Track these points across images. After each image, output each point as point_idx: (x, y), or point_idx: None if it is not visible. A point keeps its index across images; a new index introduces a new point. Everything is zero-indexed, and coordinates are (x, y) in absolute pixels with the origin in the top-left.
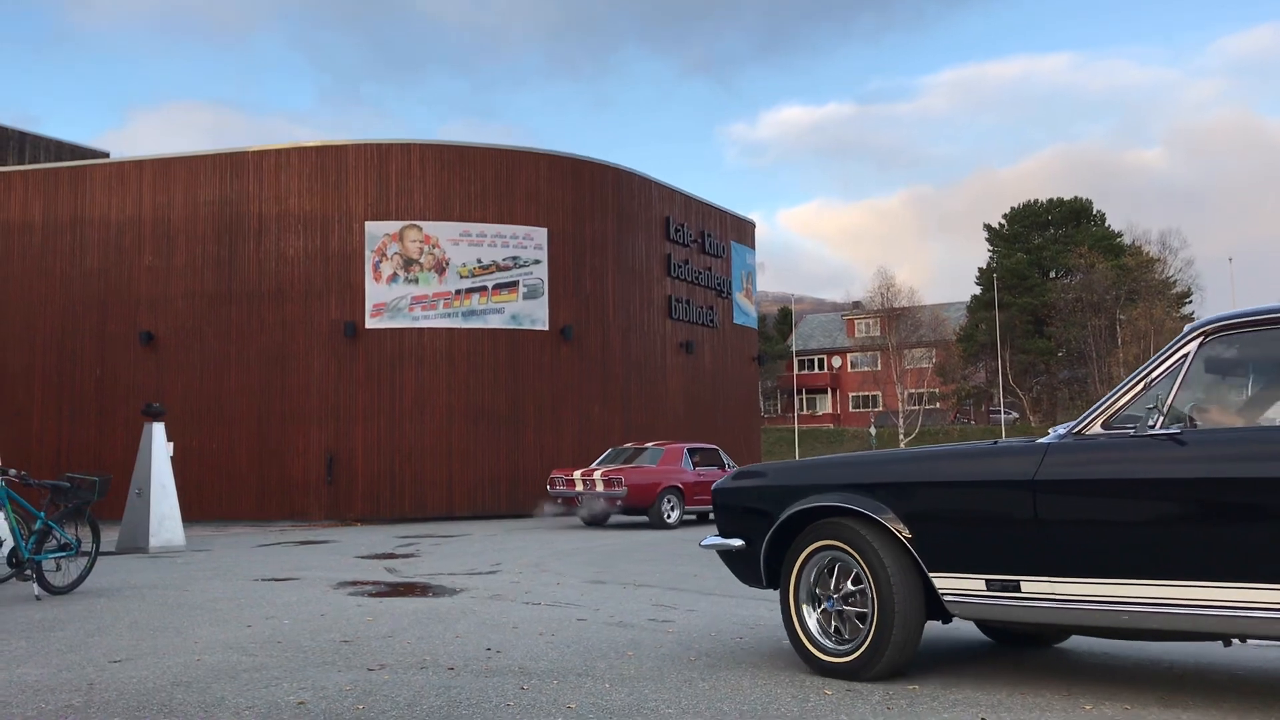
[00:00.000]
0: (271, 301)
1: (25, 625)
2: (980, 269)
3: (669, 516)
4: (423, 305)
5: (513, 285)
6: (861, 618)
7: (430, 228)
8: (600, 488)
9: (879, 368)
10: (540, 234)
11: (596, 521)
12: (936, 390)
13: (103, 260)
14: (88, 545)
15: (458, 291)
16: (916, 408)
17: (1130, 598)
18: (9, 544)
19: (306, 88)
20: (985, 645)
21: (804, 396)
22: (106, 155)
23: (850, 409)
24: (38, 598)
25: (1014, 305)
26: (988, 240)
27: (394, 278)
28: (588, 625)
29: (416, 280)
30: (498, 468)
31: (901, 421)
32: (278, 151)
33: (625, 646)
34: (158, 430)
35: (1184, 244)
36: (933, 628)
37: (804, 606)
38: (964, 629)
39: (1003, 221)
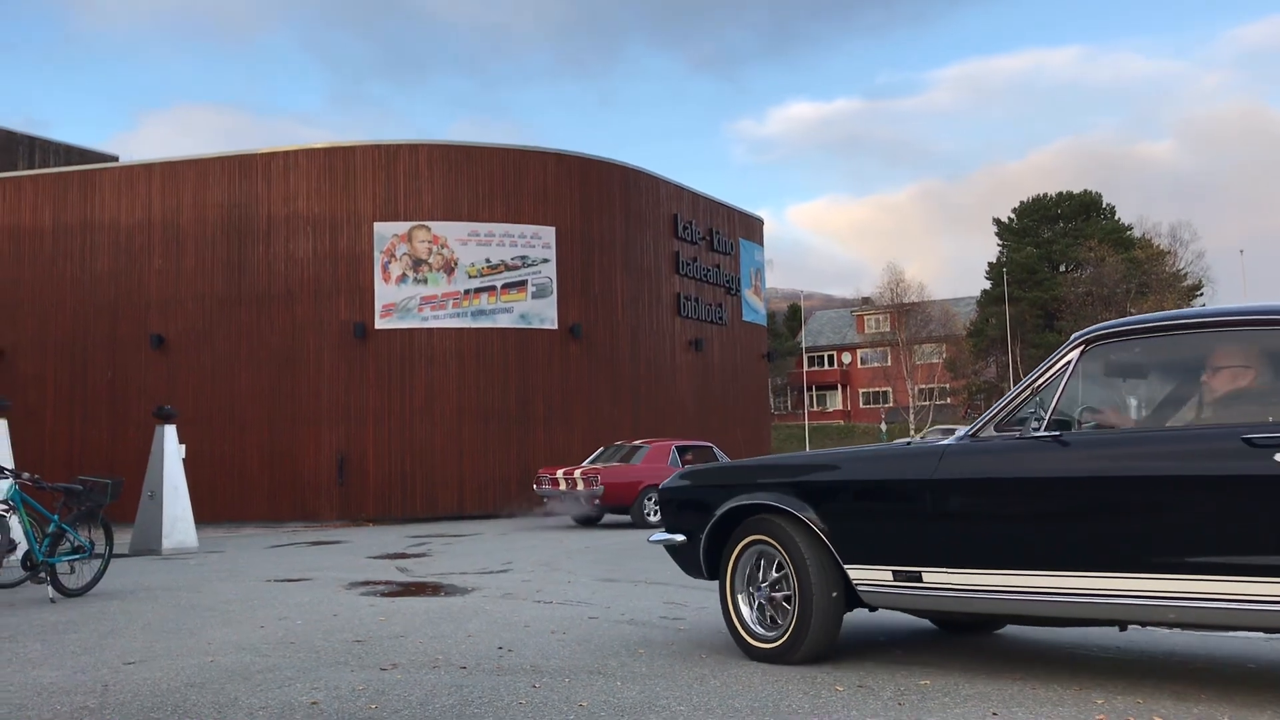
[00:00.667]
0: (281, 303)
1: (40, 627)
2: (990, 263)
3: (652, 515)
4: (432, 305)
5: (521, 284)
6: (787, 606)
7: (439, 228)
8: (580, 487)
9: (889, 363)
10: (548, 233)
11: (587, 521)
12: (947, 385)
13: (113, 264)
14: (101, 548)
15: (466, 291)
16: (927, 403)
17: (1019, 587)
18: (23, 547)
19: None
20: (995, 642)
21: (814, 393)
22: (116, 159)
23: (860, 405)
24: (52, 600)
25: (1024, 299)
26: (997, 234)
27: (403, 278)
28: (599, 623)
29: (425, 280)
30: (508, 467)
31: (912, 417)
32: (286, 153)
33: (637, 644)
34: (169, 433)
35: (1194, 236)
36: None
37: (739, 596)
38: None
39: (1012, 216)
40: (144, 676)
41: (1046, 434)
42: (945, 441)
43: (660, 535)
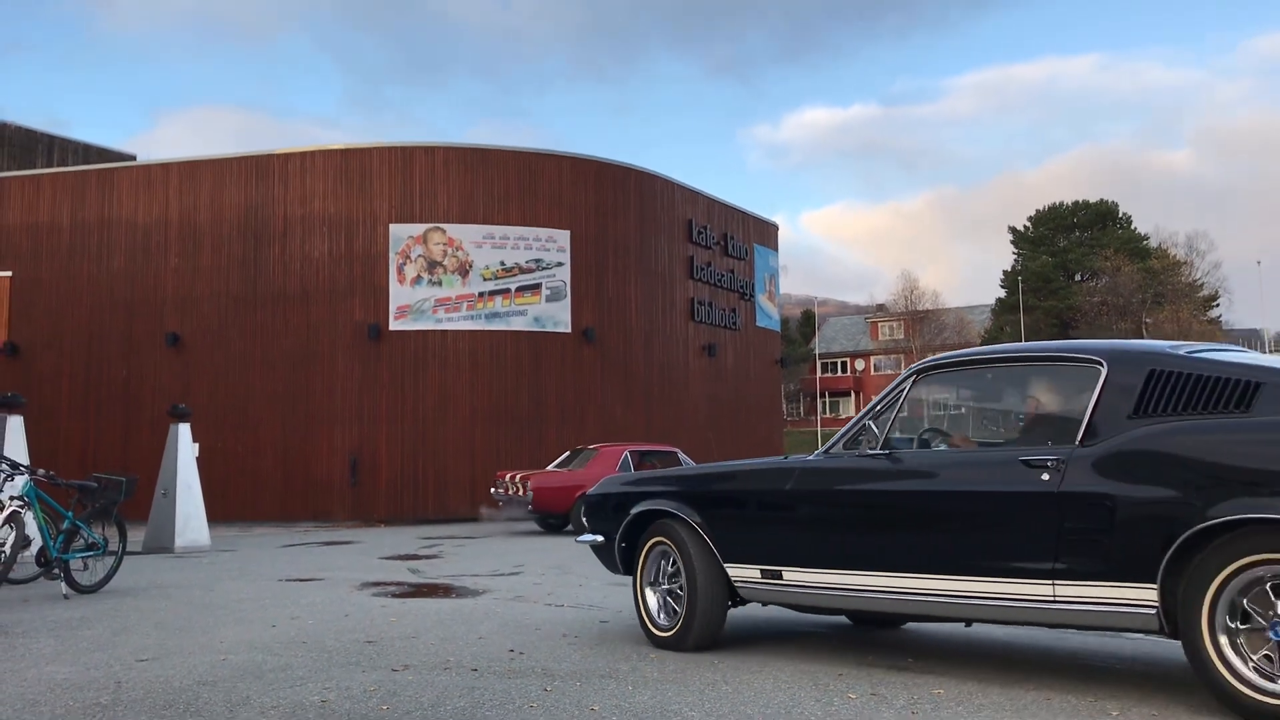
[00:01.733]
0: (296, 303)
1: (53, 624)
2: (1005, 272)
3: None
4: (446, 307)
5: (535, 287)
6: (680, 600)
7: (454, 230)
8: (521, 492)
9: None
10: (563, 236)
11: (548, 527)
12: None
13: (129, 262)
14: (114, 545)
15: (481, 294)
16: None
17: (857, 586)
18: (37, 543)
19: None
20: (1009, 649)
21: (827, 399)
22: (134, 158)
23: None
24: (65, 596)
25: (1039, 308)
26: (1012, 243)
27: (418, 280)
28: (611, 627)
29: (440, 282)
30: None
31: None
32: (302, 154)
33: (648, 649)
34: (183, 431)
35: (1211, 246)
36: (962, 635)
37: (647, 590)
38: (986, 633)
39: (1027, 224)
40: (156, 674)
41: (880, 452)
42: (804, 457)
43: (585, 536)
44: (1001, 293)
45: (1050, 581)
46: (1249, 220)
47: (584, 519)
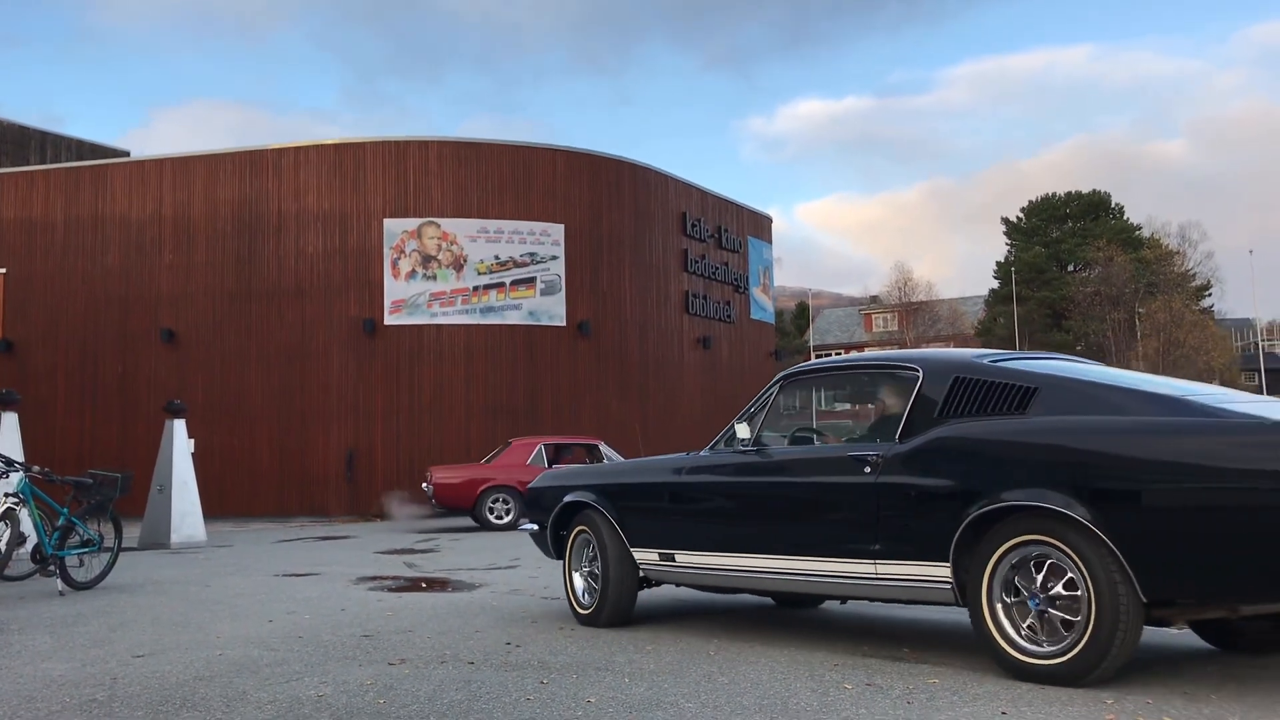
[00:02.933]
0: (291, 299)
1: (49, 620)
2: (998, 262)
3: (497, 517)
4: (441, 302)
5: (530, 281)
6: (598, 581)
7: (448, 224)
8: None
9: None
10: (557, 230)
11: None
12: None
13: (124, 258)
14: (110, 541)
15: (475, 288)
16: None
17: (733, 566)
18: (33, 540)
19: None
20: None
21: None
22: (127, 154)
23: None
24: (61, 593)
25: (1032, 299)
26: (1005, 234)
27: (412, 274)
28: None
29: (435, 277)
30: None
31: None
32: (297, 149)
33: (644, 640)
34: (179, 427)
35: (1204, 236)
36: (957, 624)
37: (574, 573)
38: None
39: (1020, 215)
40: (153, 669)
41: (750, 449)
42: (694, 453)
43: (525, 525)
44: (995, 284)
45: (873, 561)
46: (1242, 210)
47: (525, 510)
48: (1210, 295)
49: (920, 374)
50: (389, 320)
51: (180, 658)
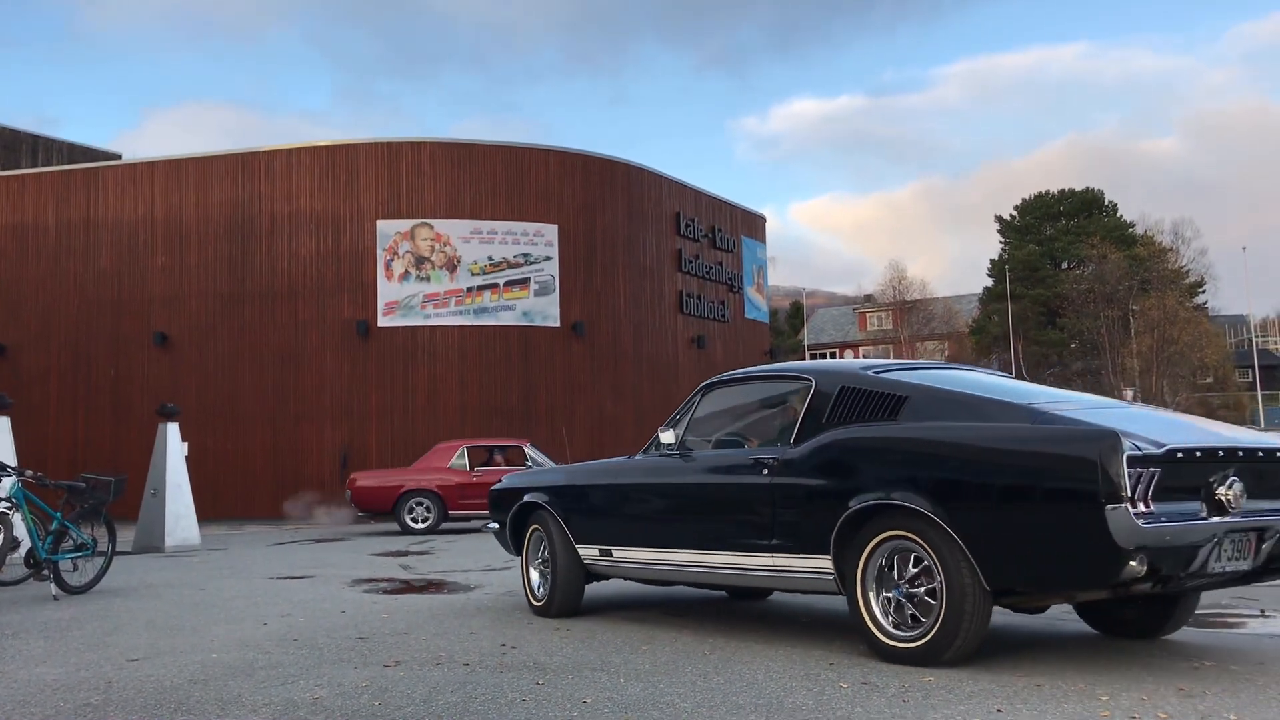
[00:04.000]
0: (284, 301)
1: (43, 625)
2: (992, 260)
3: (416, 521)
4: (435, 303)
5: (524, 282)
6: (549, 574)
7: (441, 225)
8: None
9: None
10: (551, 230)
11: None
12: None
13: (116, 261)
14: (104, 545)
15: (469, 289)
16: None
17: (660, 560)
18: (26, 544)
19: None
20: (999, 637)
21: None
22: (119, 157)
23: None
24: (55, 598)
25: (1026, 297)
26: (999, 232)
27: (406, 276)
28: (602, 620)
29: (428, 278)
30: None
31: None
32: (289, 151)
33: (640, 641)
34: (172, 430)
35: (1197, 234)
36: None
37: (530, 568)
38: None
39: (1014, 213)
40: (147, 673)
41: (674, 453)
42: (629, 457)
43: (490, 524)
44: (989, 282)
45: (771, 555)
46: (1234, 206)
47: (490, 510)
48: (1204, 292)
49: (813, 384)
50: (382, 322)
51: (175, 661)
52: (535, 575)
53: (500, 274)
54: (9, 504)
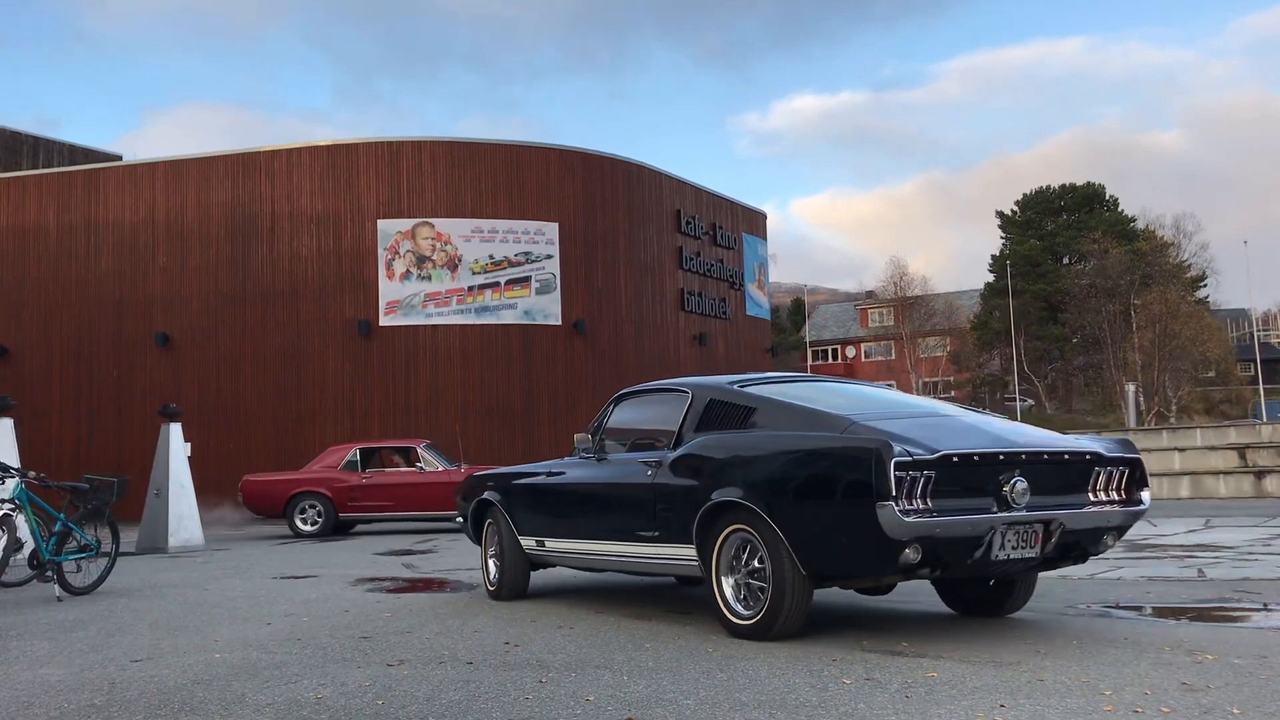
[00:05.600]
0: (285, 301)
1: (47, 626)
2: (993, 256)
3: (306, 523)
4: (436, 302)
5: (525, 281)
6: (500, 562)
7: (442, 224)
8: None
9: (893, 357)
10: (551, 229)
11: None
12: (951, 378)
13: (117, 262)
14: (107, 546)
15: (470, 288)
16: (931, 396)
17: (579, 549)
18: (29, 546)
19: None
20: (1004, 632)
21: None
22: (119, 158)
23: None
24: (59, 599)
25: (1027, 292)
26: (1000, 227)
27: (407, 275)
28: (605, 618)
29: (429, 277)
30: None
31: None
32: (289, 151)
33: (643, 638)
34: (175, 430)
35: (1199, 228)
36: (955, 618)
37: (488, 558)
38: (979, 616)
39: (1015, 208)
40: (151, 674)
41: (590, 456)
42: (560, 460)
43: (458, 518)
44: (990, 277)
45: (655, 545)
46: (1236, 200)
47: (457, 505)
48: (1205, 286)
49: (690, 396)
50: (384, 321)
51: (178, 662)
52: (491, 564)
53: (501, 273)
54: (12, 505)
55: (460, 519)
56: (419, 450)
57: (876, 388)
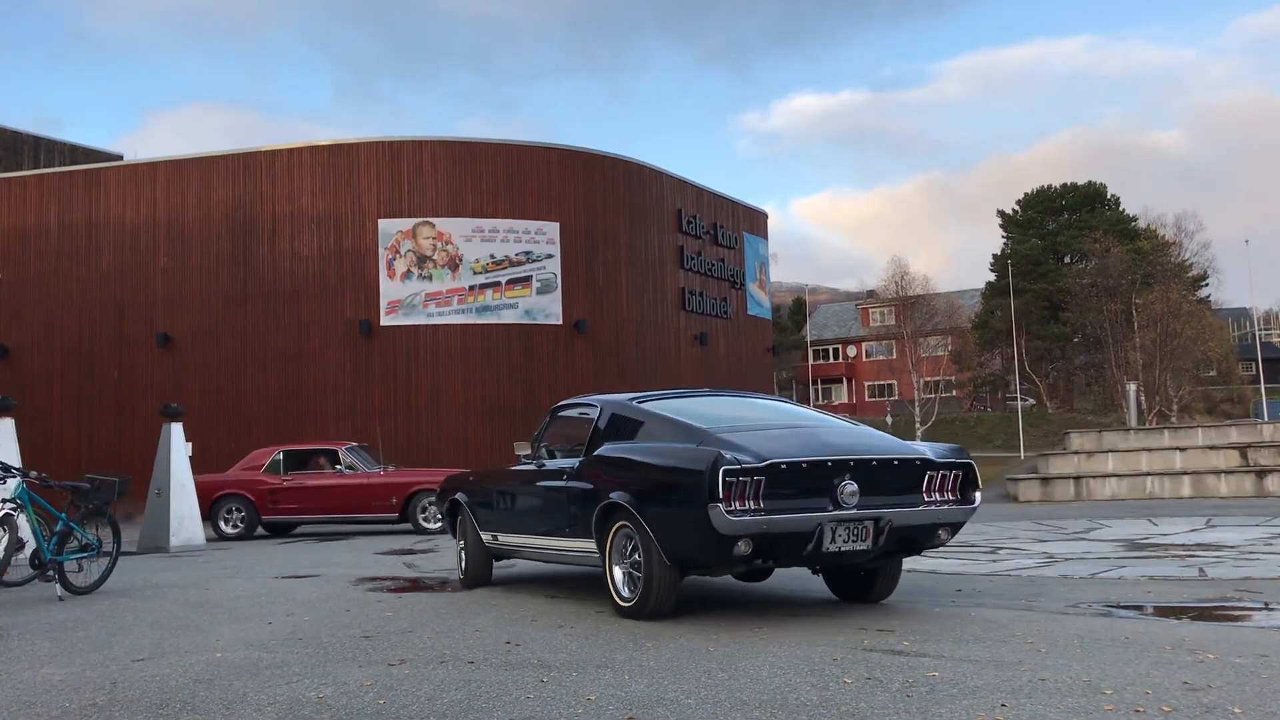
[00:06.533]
0: (287, 301)
1: (48, 625)
2: (994, 255)
3: (229, 525)
4: (437, 302)
5: (526, 280)
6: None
7: (443, 224)
8: None
9: (894, 356)
10: (552, 228)
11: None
12: (953, 378)
13: (118, 262)
14: (109, 545)
15: (471, 287)
16: (933, 396)
17: (523, 543)
18: (31, 545)
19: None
20: (1005, 632)
21: (819, 386)
22: (120, 158)
23: (866, 398)
24: (60, 598)
25: (1029, 291)
26: (1001, 226)
27: (408, 275)
28: (606, 617)
29: (430, 277)
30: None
31: (918, 410)
32: (290, 151)
33: (644, 638)
34: (176, 430)
35: (1200, 227)
36: (957, 617)
37: (460, 550)
38: (981, 615)
39: (1016, 207)
40: (152, 673)
41: (529, 463)
42: (514, 466)
43: (440, 516)
44: (991, 276)
45: (570, 539)
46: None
47: (437, 504)
48: (1207, 285)
49: (599, 410)
50: (385, 321)
51: (180, 661)
52: (461, 556)
53: (502, 272)
54: (14, 505)
55: (441, 516)
56: (340, 453)
57: (769, 401)
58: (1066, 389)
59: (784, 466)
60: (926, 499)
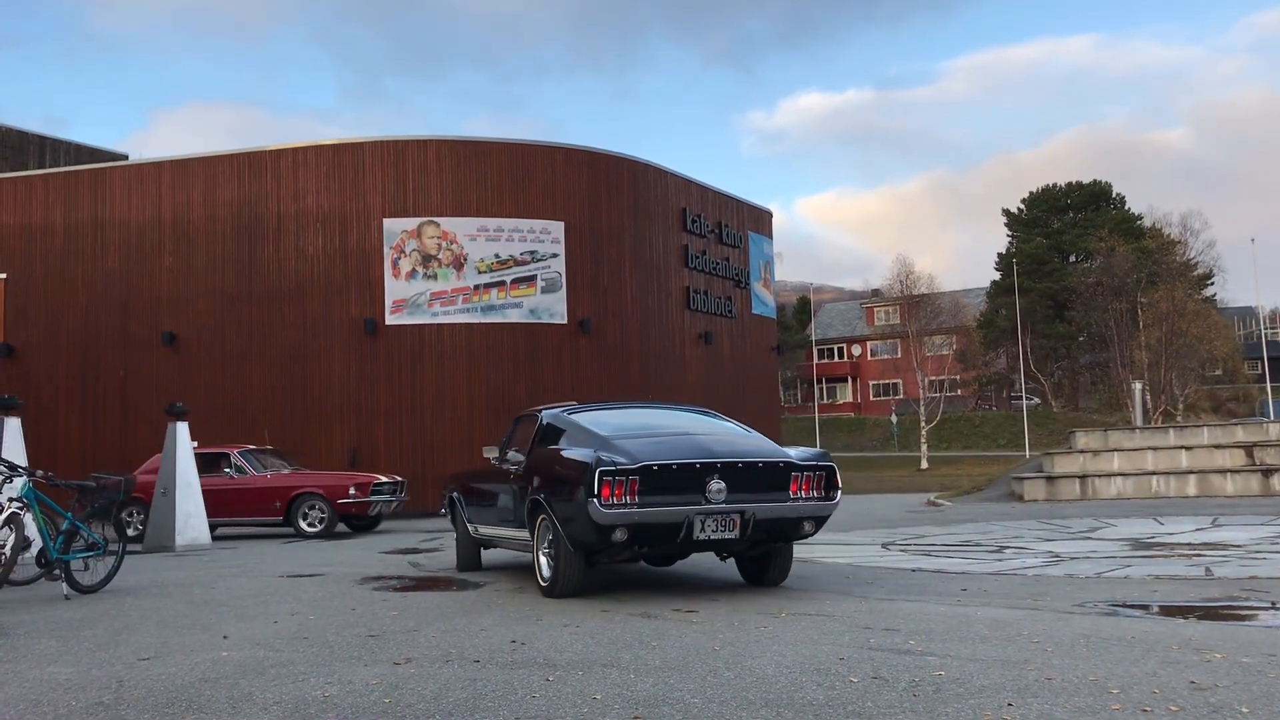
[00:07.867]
0: (291, 300)
1: (54, 624)
2: (999, 254)
3: (129, 527)
4: (442, 301)
5: (530, 279)
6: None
7: (448, 223)
8: None
9: (899, 355)
10: (557, 228)
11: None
12: (958, 377)
13: (124, 262)
14: (115, 545)
15: (476, 287)
16: (937, 395)
17: (496, 533)
18: (37, 544)
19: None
20: (1010, 632)
21: (824, 386)
22: (126, 158)
23: (871, 397)
24: (66, 597)
25: (1034, 290)
26: (1006, 225)
27: (413, 274)
28: (612, 616)
29: (435, 276)
30: None
31: (923, 409)
32: (295, 150)
33: (650, 637)
34: (181, 429)
35: (1205, 225)
36: (963, 617)
37: (456, 540)
38: (986, 614)
39: (1021, 206)
40: (158, 672)
41: (498, 464)
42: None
43: (442, 509)
44: (997, 275)
45: (518, 529)
46: (1243, 197)
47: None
48: (1212, 284)
49: (539, 418)
50: (390, 320)
51: (186, 660)
52: (456, 545)
53: (507, 271)
54: (20, 504)
55: (442, 511)
56: (231, 456)
57: (685, 412)
58: (1071, 388)
59: (655, 468)
60: (792, 496)
